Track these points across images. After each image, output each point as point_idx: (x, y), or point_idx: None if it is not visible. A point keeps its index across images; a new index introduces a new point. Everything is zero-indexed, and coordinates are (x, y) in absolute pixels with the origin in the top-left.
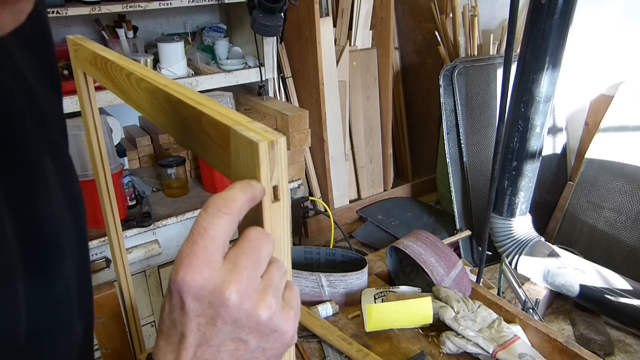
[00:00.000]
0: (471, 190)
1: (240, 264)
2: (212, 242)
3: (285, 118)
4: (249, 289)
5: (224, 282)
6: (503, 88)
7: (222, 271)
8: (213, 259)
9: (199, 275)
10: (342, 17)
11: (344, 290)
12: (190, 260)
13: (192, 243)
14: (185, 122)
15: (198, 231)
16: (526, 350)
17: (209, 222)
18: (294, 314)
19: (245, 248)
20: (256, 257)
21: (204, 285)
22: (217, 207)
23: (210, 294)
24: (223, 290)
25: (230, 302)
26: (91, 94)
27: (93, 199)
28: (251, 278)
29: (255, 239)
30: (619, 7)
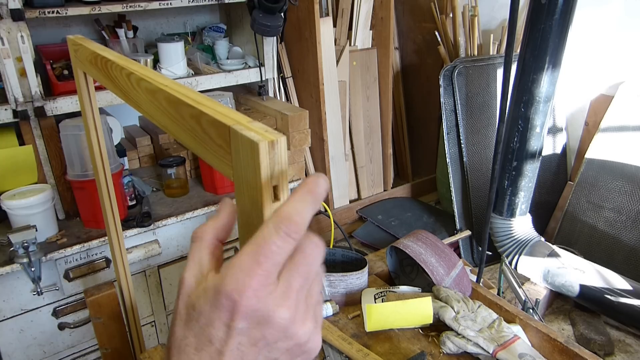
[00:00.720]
0: (471, 190)
1: (293, 285)
2: (275, 267)
3: (285, 118)
4: (296, 312)
5: (277, 305)
6: (503, 88)
7: (277, 293)
8: (271, 282)
9: (255, 298)
10: (342, 17)
11: (344, 290)
12: (250, 281)
13: (255, 263)
14: (185, 122)
15: (265, 252)
16: (526, 350)
17: (278, 247)
18: (320, 333)
19: (300, 267)
20: (307, 278)
21: (258, 308)
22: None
23: (261, 316)
24: (275, 313)
25: (278, 325)
26: (91, 94)
27: (93, 199)
28: (299, 300)
29: (311, 255)
30: (619, 7)
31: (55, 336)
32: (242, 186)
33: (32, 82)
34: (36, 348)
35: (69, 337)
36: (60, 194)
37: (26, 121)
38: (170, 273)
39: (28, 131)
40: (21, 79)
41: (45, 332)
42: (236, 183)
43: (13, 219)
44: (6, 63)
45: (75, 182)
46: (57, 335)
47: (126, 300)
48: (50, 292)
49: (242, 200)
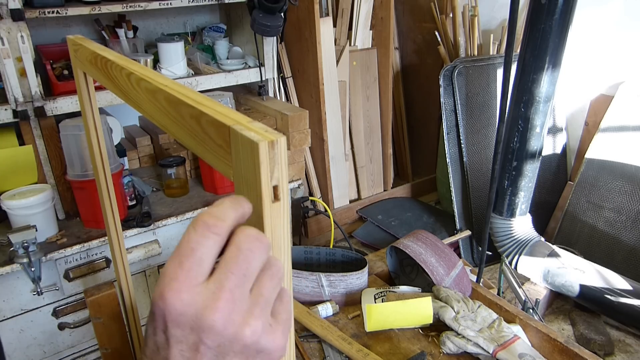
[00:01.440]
0: (471, 190)
1: (225, 284)
2: (198, 264)
3: (285, 118)
4: (232, 313)
5: (205, 307)
6: (503, 88)
7: (205, 294)
8: (196, 282)
9: (179, 301)
10: (342, 17)
11: (344, 290)
12: (172, 284)
13: (178, 265)
14: (185, 122)
15: (185, 252)
16: (526, 350)
17: (196, 243)
18: (281, 331)
19: (232, 264)
20: (244, 273)
21: (185, 312)
22: (207, 226)
23: (191, 320)
24: (205, 316)
25: (212, 329)
26: (91, 94)
27: (93, 199)
28: (236, 299)
29: (247, 249)
30: (619, 7)
31: (55, 336)
32: (242, 186)
33: (32, 82)
34: (36, 348)
35: (69, 337)
36: (60, 194)
37: (26, 121)
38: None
39: (28, 131)
40: (21, 79)
41: (45, 332)
42: (236, 183)
43: (13, 219)
44: (6, 63)
45: (75, 182)
46: (57, 335)
47: (126, 300)
48: (50, 292)
49: None
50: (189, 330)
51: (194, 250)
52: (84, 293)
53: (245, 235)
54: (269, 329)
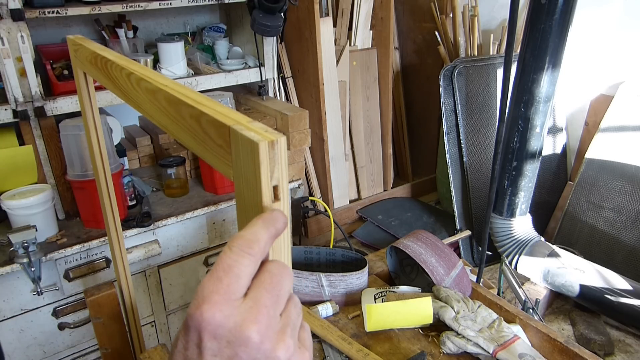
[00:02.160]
0: (471, 190)
1: (261, 301)
2: (235, 281)
3: (285, 118)
4: (269, 328)
5: (244, 320)
6: (503, 88)
7: (243, 309)
8: (235, 297)
9: (219, 312)
10: (342, 17)
11: (344, 290)
12: (212, 297)
13: (217, 280)
14: (185, 122)
15: (223, 268)
16: (526, 350)
17: (234, 261)
18: (308, 355)
19: (267, 284)
20: (277, 294)
21: (223, 324)
22: (242, 248)
23: (229, 332)
24: (243, 329)
25: (250, 342)
26: (91, 94)
27: (93, 199)
28: (271, 317)
29: (278, 274)
30: (619, 7)
31: (55, 336)
32: (242, 186)
33: (32, 82)
34: (36, 348)
35: (69, 337)
36: (60, 194)
37: (26, 121)
38: (170, 273)
39: (28, 131)
40: (21, 79)
41: (45, 332)
42: (236, 183)
43: (13, 219)
44: (6, 63)
45: (75, 182)
46: (57, 335)
47: (126, 300)
48: (50, 292)
49: (242, 200)
50: (225, 343)
51: (232, 267)
52: (84, 293)
53: (275, 263)
54: (299, 351)
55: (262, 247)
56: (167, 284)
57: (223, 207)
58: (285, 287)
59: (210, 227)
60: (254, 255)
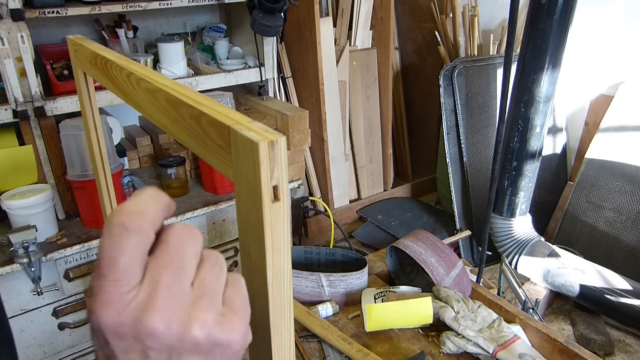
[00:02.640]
0: (471, 190)
1: (159, 282)
2: (123, 271)
3: (285, 118)
4: (174, 309)
5: (142, 312)
6: (503, 88)
7: (140, 299)
8: (127, 289)
9: (113, 312)
10: (342, 17)
11: (344, 290)
12: (102, 298)
13: (102, 277)
14: (185, 122)
15: (106, 262)
16: (526, 350)
17: (115, 249)
18: (238, 319)
19: (164, 259)
20: (179, 266)
21: (122, 322)
22: (123, 225)
23: (131, 329)
24: (143, 321)
25: (156, 332)
26: (91, 94)
27: (93, 199)
28: (175, 295)
29: (176, 241)
30: (619, 7)
31: (55, 336)
32: (242, 186)
33: (32, 82)
34: (36, 348)
35: (69, 337)
36: (60, 194)
37: (26, 121)
38: None
39: (28, 131)
40: (21, 79)
41: (45, 332)
42: (236, 183)
43: (13, 219)
44: (6, 63)
45: (75, 182)
46: (57, 335)
47: None
48: (50, 292)
49: (242, 200)
50: (132, 339)
51: (115, 258)
52: (84, 293)
53: (172, 229)
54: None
55: (151, 219)
56: None
57: (223, 207)
58: (189, 252)
59: (210, 227)
60: (140, 230)
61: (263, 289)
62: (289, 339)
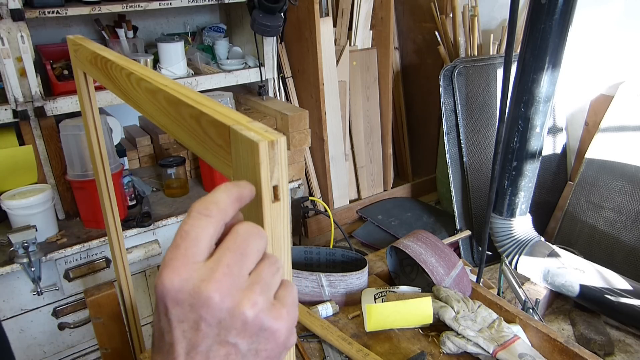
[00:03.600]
0: (471, 190)
1: (222, 261)
2: (194, 244)
3: (285, 118)
4: (231, 286)
5: (202, 281)
6: (503, 88)
7: (203, 271)
8: (194, 260)
9: (177, 277)
10: (342, 17)
11: (344, 290)
12: (170, 264)
13: (175, 247)
14: (185, 122)
15: (180, 235)
16: (526, 350)
17: (190, 225)
18: (286, 312)
19: (230, 243)
20: (242, 253)
21: (183, 287)
22: (198, 211)
23: (189, 295)
24: (202, 289)
25: (210, 302)
26: (91, 94)
27: (93, 199)
28: (234, 275)
29: (244, 233)
30: (619, 7)
31: (55, 336)
32: None
33: (32, 82)
34: (36, 348)
35: (69, 337)
36: (60, 194)
37: (26, 121)
38: None
39: (28, 131)
40: (21, 79)
41: (45, 332)
42: None
43: (13, 219)
44: (6, 63)
45: (75, 182)
46: (57, 335)
47: (126, 300)
48: (50, 292)
49: None
50: (188, 307)
51: (189, 232)
52: (84, 293)
53: (243, 224)
54: (272, 307)
55: (223, 209)
56: None
57: None
58: (253, 245)
59: None
60: (212, 216)
61: None
62: None
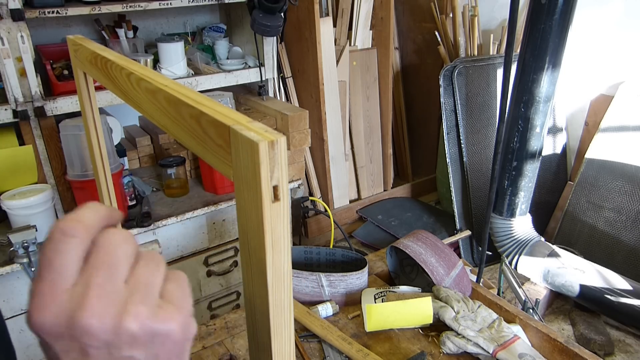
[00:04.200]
0: (471, 190)
1: (91, 281)
2: (59, 274)
3: (285, 118)
4: (107, 306)
5: (74, 311)
6: (503, 88)
7: (73, 298)
8: (62, 289)
9: (48, 313)
10: (342, 17)
11: (344, 290)
12: (36, 300)
13: (40, 279)
14: (185, 122)
15: (44, 265)
16: (526, 350)
17: (53, 251)
18: (175, 309)
19: (95, 260)
20: (109, 265)
21: (55, 322)
22: (62, 231)
23: (67, 329)
24: (77, 320)
25: (90, 329)
26: (91, 94)
27: (93, 199)
28: (108, 292)
29: (107, 244)
30: (619, 7)
31: None
32: (242, 186)
33: (32, 82)
34: (36, 348)
35: None
36: (60, 194)
37: (26, 121)
38: None
39: (28, 131)
40: (21, 79)
41: None
42: (236, 183)
43: (13, 219)
44: (6, 63)
45: (75, 182)
46: None
47: None
48: None
49: (242, 200)
50: (69, 340)
51: (52, 259)
52: None
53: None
54: (158, 310)
55: (89, 225)
56: None
57: (223, 207)
58: (120, 252)
59: (210, 227)
60: (76, 236)
61: (263, 289)
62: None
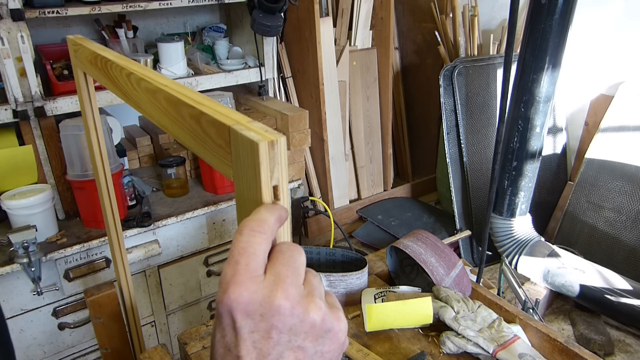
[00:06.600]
0: (471, 190)
1: (282, 274)
2: (253, 259)
3: (285, 118)
4: (296, 295)
5: (271, 292)
6: (503, 88)
7: (267, 283)
8: (256, 274)
9: (245, 290)
10: (342, 17)
11: (344, 290)
12: (235, 279)
13: (235, 263)
14: (185, 122)
15: (238, 251)
16: (526, 350)
17: (246, 242)
18: (342, 314)
19: (281, 259)
20: (294, 267)
21: (252, 299)
22: (251, 228)
23: (260, 306)
24: (272, 299)
25: (282, 310)
26: (91, 94)
27: (93, 199)
28: (295, 285)
29: (289, 250)
30: (619, 7)
31: (55, 336)
32: (242, 186)
33: (32, 82)
34: (36, 348)
35: (69, 337)
36: (60, 194)
37: (26, 121)
38: (170, 273)
39: (28, 131)
40: (21, 79)
41: (45, 332)
42: (236, 183)
43: (13, 219)
44: (6, 63)
45: (75, 182)
46: (57, 335)
47: (126, 300)
48: (50, 292)
49: (242, 200)
50: (259, 317)
51: (246, 248)
52: (84, 293)
53: (284, 243)
54: (331, 310)
55: (271, 226)
56: (167, 284)
57: (223, 207)
58: (300, 260)
59: (210, 227)
60: (264, 233)
61: None
62: None
